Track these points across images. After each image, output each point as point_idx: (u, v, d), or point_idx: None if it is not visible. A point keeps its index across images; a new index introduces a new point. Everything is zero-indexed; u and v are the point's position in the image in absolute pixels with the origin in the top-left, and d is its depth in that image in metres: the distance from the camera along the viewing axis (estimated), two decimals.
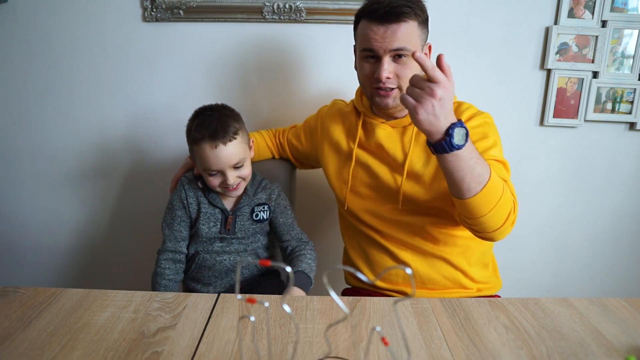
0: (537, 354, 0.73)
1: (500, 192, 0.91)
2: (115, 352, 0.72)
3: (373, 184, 1.14)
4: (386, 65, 1.01)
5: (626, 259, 1.69)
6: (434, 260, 1.12)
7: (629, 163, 1.59)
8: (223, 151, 1.07)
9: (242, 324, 0.79)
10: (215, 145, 1.06)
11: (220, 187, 1.13)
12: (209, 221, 1.17)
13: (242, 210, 1.17)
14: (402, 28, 0.99)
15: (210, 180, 1.11)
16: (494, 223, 0.92)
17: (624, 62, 1.49)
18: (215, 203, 1.17)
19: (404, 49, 1.00)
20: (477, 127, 1.05)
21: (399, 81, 1.03)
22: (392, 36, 0.99)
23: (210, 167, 1.09)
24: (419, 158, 1.09)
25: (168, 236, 1.19)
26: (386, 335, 0.77)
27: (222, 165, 1.08)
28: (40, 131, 1.55)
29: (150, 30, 1.47)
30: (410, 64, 1.02)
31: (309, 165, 1.37)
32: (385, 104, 1.06)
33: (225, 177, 1.09)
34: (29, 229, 1.65)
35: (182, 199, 1.18)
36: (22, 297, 0.87)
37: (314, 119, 1.29)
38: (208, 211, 1.17)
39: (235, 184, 1.12)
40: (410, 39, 1.01)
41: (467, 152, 0.85)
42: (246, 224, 1.18)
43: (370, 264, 1.18)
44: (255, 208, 1.18)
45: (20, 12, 1.45)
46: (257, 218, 1.18)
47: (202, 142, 1.07)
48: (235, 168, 1.10)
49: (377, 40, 1.00)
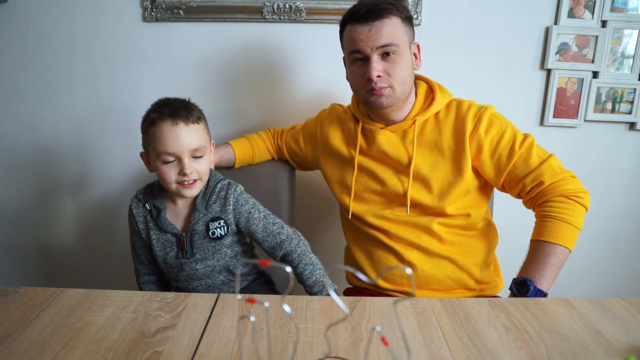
0: (537, 354, 0.73)
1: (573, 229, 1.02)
2: (115, 352, 0.72)
3: (379, 190, 1.14)
4: (375, 63, 1.02)
5: (626, 259, 1.69)
6: (440, 260, 1.12)
7: (629, 163, 1.59)
8: (184, 131, 0.96)
9: (242, 324, 0.79)
10: (177, 122, 0.96)
11: (176, 182, 1.00)
12: (164, 247, 1.07)
13: (195, 229, 1.04)
14: (386, 24, 1.01)
15: (166, 172, 0.99)
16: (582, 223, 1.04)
17: (624, 62, 1.49)
18: (164, 227, 1.05)
19: (391, 45, 1.01)
20: (489, 128, 1.07)
21: (390, 79, 1.04)
22: (378, 33, 1.00)
23: (167, 149, 0.96)
24: (424, 161, 1.09)
25: (135, 259, 1.15)
26: (386, 335, 0.77)
27: (181, 148, 0.97)
28: (39, 131, 1.55)
29: (150, 30, 1.47)
30: (399, 61, 1.03)
31: (306, 168, 1.36)
32: (379, 103, 1.06)
33: (183, 165, 0.97)
34: (29, 229, 1.65)
35: (132, 225, 1.09)
36: (22, 297, 0.87)
37: (314, 124, 1.28)
38: (160, 237, 1.06)
39: (192, 179, 0.99)
40: (396, 34, 1.02)
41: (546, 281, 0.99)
42: (204, 243, 1.05)
43: (374, 263, 1.18)
44: (210, 224, 1.04)
45: (20, 12, 1.45)
46: (213, 236, 1.04)
47: (161, 121, 0.97)
48: (193, 158, 0.99)
49: (363, 40, 1.02)
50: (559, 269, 1.00)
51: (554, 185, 1.03)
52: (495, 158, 1.07)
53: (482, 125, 1.06)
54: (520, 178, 1.06)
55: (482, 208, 1.15)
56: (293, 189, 1.39)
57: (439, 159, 1.09)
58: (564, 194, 1.02)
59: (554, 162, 1.05)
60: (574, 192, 1.02)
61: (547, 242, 1.00)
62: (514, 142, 1.06)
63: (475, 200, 1.13)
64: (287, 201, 1.34)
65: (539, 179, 1.04)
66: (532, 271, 0.99)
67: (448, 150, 1.08)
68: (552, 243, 1.00)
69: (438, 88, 1.12)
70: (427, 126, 1.11)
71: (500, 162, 1.07)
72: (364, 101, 1.09)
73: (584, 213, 1.04)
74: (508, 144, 1.06)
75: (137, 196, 1.10)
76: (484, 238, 1.16)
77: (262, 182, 1.25)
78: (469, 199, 1.11)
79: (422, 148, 1.10)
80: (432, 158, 1.09)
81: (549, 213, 1.02)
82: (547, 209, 1.03)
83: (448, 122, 1.09)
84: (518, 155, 1.05)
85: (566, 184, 1.03)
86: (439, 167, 1.09)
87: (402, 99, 1.08)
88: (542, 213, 1.04)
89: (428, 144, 1.10)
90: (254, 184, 1.15)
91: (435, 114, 1.11)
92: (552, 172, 1.03)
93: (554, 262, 0.99)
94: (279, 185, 1.33)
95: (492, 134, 1.07)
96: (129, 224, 1.12)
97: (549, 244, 1.00)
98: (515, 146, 1.06)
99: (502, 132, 1.07)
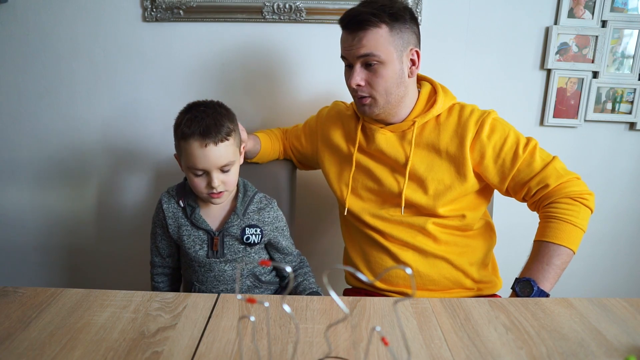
0: (537, 354, 0.73)
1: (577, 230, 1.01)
2: (115, 352, 0.72)
3: (375, 189, 1.14)
4: (357, 72, 1.03)
5: (626, 259, 1.69)
6: (435, 260, 1.12)
7: (629, 163, 1.59)
8: (212, 151, 0.99)
9: (242, 324, 0.79)
10: (205, 144, 0.98)
11: (206, 190, 1.03)
12: (194, 244, 1.08)
13: (229, 231, 1.07)
14: (367, 35, 1.00)
15: (196, 182, 1.02)
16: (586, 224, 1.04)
17: (624, 62, 1.49)
18: (198, 224, 1.07)
19: (371, 55, 1.01)
20: (491, 134, 1.07)
21: (371, 90, 1.04)
22: (358, 43, 1.01)
23: (196, 166, 1.00)
24: (421, 162, 1.09)
25: (153, 251, 1.16)
26: (386, 335, 0.77)
27: (209, 166, 1.00)
28: (39, 131, 1.55)
29: (150, 30, 1.46)
30: (381, 72, 1.03)
31: (309, 167, 1.37)
32: (362, 111, 1.09)
33: (211, 179, 1.01)
34: (29, 229, 1.65)
35: (160, 219, 1.11)
36: (22, 297, 0.87)
37: (314, 121, 1.29)
38: (192, 233, 1.08)
39: (219, 191, 1.02)
40: (378, 46, 1.01)
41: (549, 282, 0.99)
42: (234, 245, 1.08)
43: (370, 264, 1.18)
44: (246, 230, 1.08)
45: (20, 12, 1.45)
46: (247, 241, 1.08)
47: (192, 139, 0.98)
48: (222, 171, 1.02)
49: (347, 48, 1.04)
50: (562, 270, 1.00)
51: (559, 188, 1.03)
52: (499, 163, 1.07)
53: (484, 130, 1.06)
54: (525, 182, 1.05)
55: (479, 210, 1.14)
56: (293, 188, 1.39)
57: (436, 160, 1.09)
58: (569, 196, 1.02)
59: (558, 165, 1.05)
60: (579, 193, 1.02)
61: (551, 243, 1.00)
62: (517, 146, 1.06)
63: (472, 202, 1.12)
64: (287, 201, 1.34)
65: (544, 182, 1.03)
66: (535, 271, 0.99)
67: (446, 152, 1.08)
68: (556, 244, 1.00)
69: (442, 90, 1.12)
70: (427, 128, 1.10)
71: (504, 167, 1.06)
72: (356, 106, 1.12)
73: (589, 215, 1.03)
74: (511, 148, 1.06)
75: (169, 192, 1.12)
76: (480, 238, 1.16)
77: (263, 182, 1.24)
78: (466, 201, 1.11)
79: (419, 149, 1.10)
80: (429, 159, 1.09)
81: (553, 214, 1.02)
82: (551, 210, 1.03)
83: (449, 125, 1.09)
84: (522, 160, 1.05)
85: (571, 185, 1.03)
86: (435, 168, 1.09)
87: (389, 107, 1.08)
88: (547, 214, 1.04)
89: (426, 145, 1.10)
90: (254, 184, 1.15)
91: (437, 116, 1.11)
92: (557, 175, 1.03)
93: (557, 263, 0.99)
94: (279, 185, 1.33)
95: (494, 139, 1.06)
96: (154, 217, 1.13)
97: (552, 244, 1.00)
98: (519, 150, 1.05)
99: (504, 137, 1.07)
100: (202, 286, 1.11)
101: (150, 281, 1.18)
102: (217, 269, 1.09)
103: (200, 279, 1.11)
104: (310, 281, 1.15)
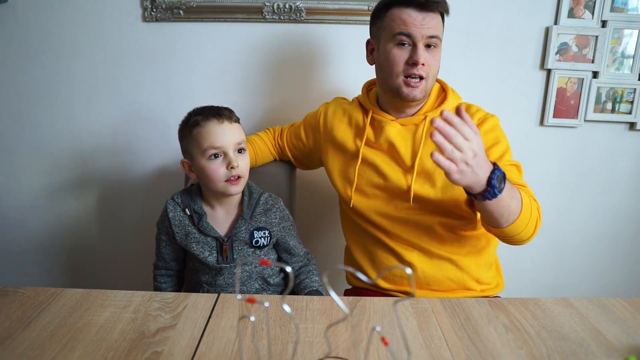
0: (537, 354, 0.73)
1: (529, 212, 0.96)
2: (115, 352, 0.72)
3: (381, 184, 1.14)
4: (423, 50, 1.05)
5: (626, 259, 1.69)
6: (440, 261, 1.12)
7: (629, 163, 1.59)
8: (229, 128, 1.03)
9: (242, 324, 0.79)
10: (222, 120, 1.03)
11: (225, 176, 1.03)
12: (203, 250, 1.08)
13: (238, 236, 1.08)
14: (436, 18, 1.05)
15: (214, 170, 1.02)
16: (526, 236, 0.99)
17: (624, 62, 1.49)
18: (206, 232, 1.07)
19: (436, 37, 1.05)
20: (489, 131, 1.08)
21: (428, 71, 1.06)
22: (429, 23, 1.04)
23: (214, 144, 1.01)
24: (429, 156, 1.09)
25: (157, 255, 1.16)
26: (386, 335, 0.77)
27: (227, 142, 1.02)
28: (39, 131, 1.55)
29: (150, 30, 1.46)
30: (437, 56, 1.08)
31: (308, 166, 1.36)
32: (413, 95, 1.07)
33: (230, 159, 1.01)
34: (29, 229, 1.65)
35: (165, 227, 1.11)
36: (22, 297, 0.87)
37: (315, 117, 1.27)
38: (200, 240, 1.08)
39: (237, 174, 1.03)
40: (439, 29, 1.07)
41: (506, 192, 0.89)
42: (244, 249, 1.09)
43: (374, 264, 1.17)
44: (255, 233, 1.09)
45: (20, 12, 1.45)
46: (256, 244, 1.09)
47: (207, 121, 1.02)
48: (237, 152, 1.04)
49: (416, 26, 1.04)
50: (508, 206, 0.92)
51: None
52: None
53: (483, 126, 1.08)
54: None
55: None
56: (293, 188, 1.39)
57: None
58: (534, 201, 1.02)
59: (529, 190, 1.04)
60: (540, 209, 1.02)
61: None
62: (505, 154, 1.07)
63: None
64: (287, 201, 1.33)
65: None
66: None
67: None
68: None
69: (451, 90, 1.15)
70: None
71: None
72: (396, 88, 1.08)
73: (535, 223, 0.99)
74: (498, 153, 1.07)
75: (174, 199, 1.11)
76: (484, 239, 1.16)
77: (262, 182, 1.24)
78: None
79: (429, 143, 1.10)
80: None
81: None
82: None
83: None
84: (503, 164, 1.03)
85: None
86: None
87: (427, 95, 1.11)
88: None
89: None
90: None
91: None
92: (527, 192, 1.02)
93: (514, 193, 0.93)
94: (279, 185, 1.33)
95: (489, 137, 1.07)
96: (159, 223, 1.13)
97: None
98: (505, 157, 1.06)
99: (497, 141, 1.08)
100: (212, 288, 1.11)
101: (153, 281, 1.18)
102: (226, 272, 1.10)
103: (209, 282, 1.11)
104: (312, 279, 1.14)
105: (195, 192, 1.11)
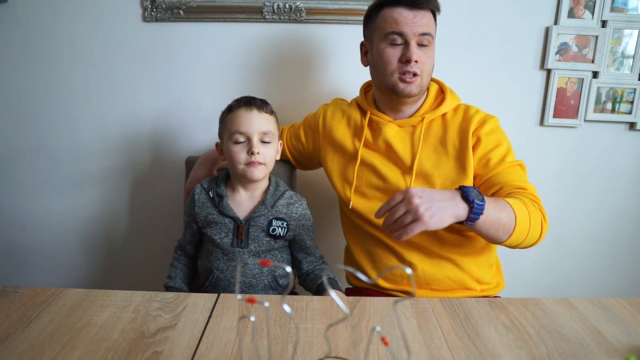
0: (537, 354, 0.73)
1: (527, 218, 0.95)
2: (115, 352, 0.72)
3: (380, 185, 1.14)
4: (415, 47, 1.06)
5: (626, 259, 1.69)
6: (441, 261, 1.12)
7: (629, 163, 1.59)
8: (256, 116, 1.08)
9: (242, 324, 0.79)
10: (251, 109, 1.08)
11: (245, 162, 1.07)
12: (220, 231, 1.11)
13: (256, 221, 1.10)
14: (427, 15, 1.07)
15: (236, 152, 1.07)
16: (532, 241, 1.00)
17: (624, 62, 1.49)
18: (226, 212, 1.10)
19: (428, 35, 1.07)
20: (490, 133, 1.08)
21: (421, 68, 1.07)
22: (420, 21, 1.05)
23: (239, 129, 1.06)
24: (428, 157, 1.10)
25: (183, 233, 1.20)
26: (386, 335, 0.78)
27: (252, 129, 1.06)
28: (39, 131, 1.55)
29: (150, 30, 1.46)
30: (430, 53, 1.09)
31: (307, 167, 1.36)
32: (409, 91, 1.08)
33: (251, 144, 1.06)
34: (29, 229, 1.65)
35: (190, 208, 1.15)
36: (22, 297, 0.87)
37: (314, 118, 1.28)
38: (218, 221, 1.11)
39: (257, 160, 1.06)
40: (431, 27, 1.08)
41: (490, 206, 0.90)
42: (260, 236, 1.11)
43: (375, 263, 1.18)
44: (273, 221, 1.11)
45: (20, 12, 1.45)
46: (273, 233, 1.10)
47: (238, 107, 1.09)
48: (262, 142, 1.08)
49: (408, 24, 1.05)
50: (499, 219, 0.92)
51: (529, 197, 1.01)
52: (483, 160, 1.07)
53: (484, 128, 1.08)
54: (495, 184, 1.05)
55: None
56: (293, 189, 1.39)
57: (443, 157, 1.10)
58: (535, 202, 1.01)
59: (534, 189, 1.05)
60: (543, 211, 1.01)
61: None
62: (506, 156, 1.07)
63: None
64: None
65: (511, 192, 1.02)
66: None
67: (452, 148, 1.09)
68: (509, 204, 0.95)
69: (449, 91, 1.15)
70: (434, 125, 1.12)
71: (487, 166, 1.07)
72: (392, 85, 1.08)
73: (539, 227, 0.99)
74: (501, 154, 1.07)
75: (202, 184, 1.17)
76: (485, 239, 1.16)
77: None
78: None
79: (427, 144, 1.10)
80: (436, 155, 1.10)
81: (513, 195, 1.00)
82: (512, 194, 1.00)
83: (455, 122, 1.11)
84: (506, 165, 1.06)
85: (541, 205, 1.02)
86: (442, 164, 1.09)
87: (423, 91, 1.11)
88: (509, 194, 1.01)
89: (433, 141, 1.11)
90: None
91: (443, 115, 1.13)
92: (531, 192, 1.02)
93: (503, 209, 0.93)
94: None
95: (491, 138, 1.08)
96: (186, 206, 1.18)
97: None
98: (507, 158, 1.07)
99: (499, 143, 1.08)
100: (222, 274, 1.11)
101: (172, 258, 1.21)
102: (239, 258, 1.11)
103: (220, 267, 1.11)
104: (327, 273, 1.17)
105: (222, 177, 1.17)
